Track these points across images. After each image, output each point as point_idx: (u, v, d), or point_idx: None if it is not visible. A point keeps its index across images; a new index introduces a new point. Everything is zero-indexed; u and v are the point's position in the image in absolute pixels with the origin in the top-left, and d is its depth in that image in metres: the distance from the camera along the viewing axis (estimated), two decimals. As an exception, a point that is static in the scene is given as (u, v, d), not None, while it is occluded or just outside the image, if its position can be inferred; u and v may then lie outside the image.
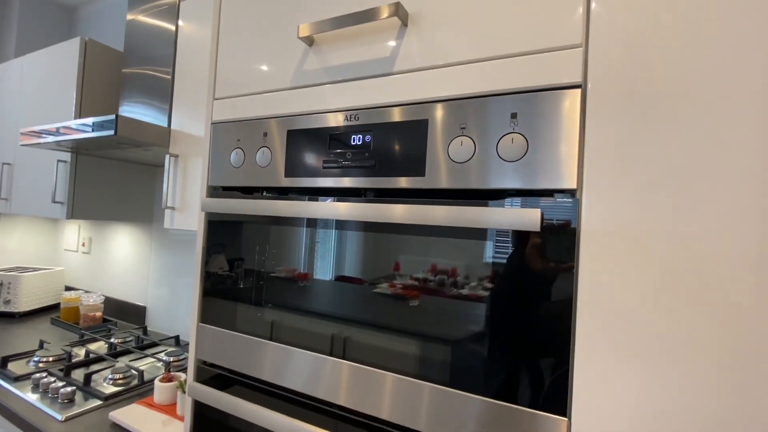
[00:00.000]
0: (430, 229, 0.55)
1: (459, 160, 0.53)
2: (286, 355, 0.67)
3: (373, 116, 0.60)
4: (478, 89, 0.53)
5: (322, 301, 0.65)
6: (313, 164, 0.65)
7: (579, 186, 0.47)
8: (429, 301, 0.55)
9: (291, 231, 0.69)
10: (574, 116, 0.47)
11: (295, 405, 0.66)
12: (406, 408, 0.55)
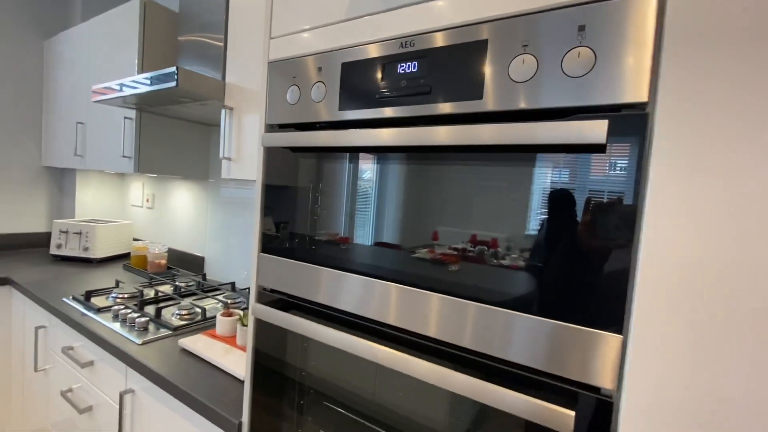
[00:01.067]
0: (487, 154, 0.55)
1: (520, 80, 0.52)
2: (338, 279, 0.71)
3: (429, 41, 0.60)
4: (542, 3, 0.51)
5: (375, 232, 0.67)
6: (368, 95, 0.66)
7: (651, 100, 0.45)
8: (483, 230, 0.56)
9: (342, 165, 0.71)
10: (647, 25, 0.44)
11: (346, 325, 0.71)
12: (451, 326, 0.58)
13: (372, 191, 0.68)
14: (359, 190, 0.70)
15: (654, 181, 0.45)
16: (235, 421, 0.87)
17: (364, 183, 0.69)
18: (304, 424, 0.81)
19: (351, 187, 0.71)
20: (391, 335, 0.66)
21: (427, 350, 0.61)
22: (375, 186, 0.68)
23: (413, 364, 0.59)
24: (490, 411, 0.56)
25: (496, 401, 0.51)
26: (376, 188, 0.68)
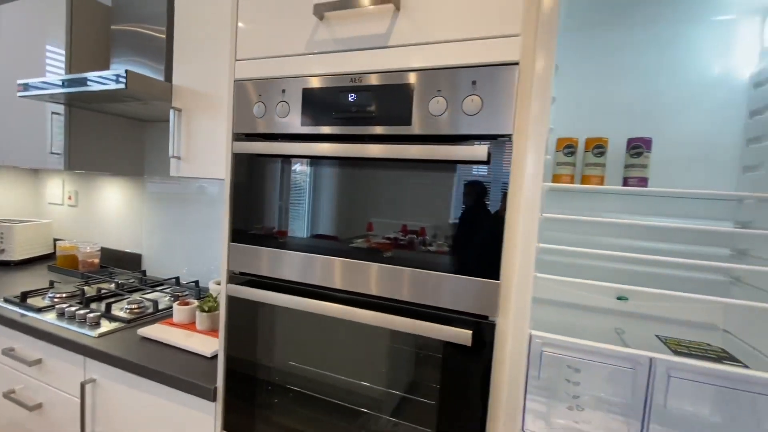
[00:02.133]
0: (412, 163, 0.79)
1: (436, 114, 0.76)
2: (298, 259, 0.90)
3: (372, 79, 0.81)
4: (450, 62, 0.75)
5: (323, 223, 0.87)
6: (325, 116, 0.85)
7: (512, 130, 0.71)
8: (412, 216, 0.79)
9: (299, 169, 0.90)
10: (513, 85, 0.71)
11: (305, 295, 0.90)
12: (390, 286, 0.81)
13: (323, 190, 0.88)
14: (312, 189, 0.89)
15: (512, 186, 0.72)
16: (211, 387, 1.01)
17: (317, 184, 0.89)
18: (274, 384, 0.99)
19: (306, 187, 0.90)
20: (342, 298, 0.87)
21: (370, 305, 0.84)
22: (332, 186, 0.88)
23: (360, 314, 0.81)
24: (421, 347, 0.81)
25: (425, 331, 0.76)
26: (332, 188, 0.88)
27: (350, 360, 0.91)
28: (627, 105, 1.11)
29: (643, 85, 1.10)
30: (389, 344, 0.86)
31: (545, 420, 0.95)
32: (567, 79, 1.17)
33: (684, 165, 1.06)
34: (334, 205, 0.87)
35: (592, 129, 1.12)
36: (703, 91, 1.05)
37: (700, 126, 1.06)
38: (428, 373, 0.82)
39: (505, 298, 0.75)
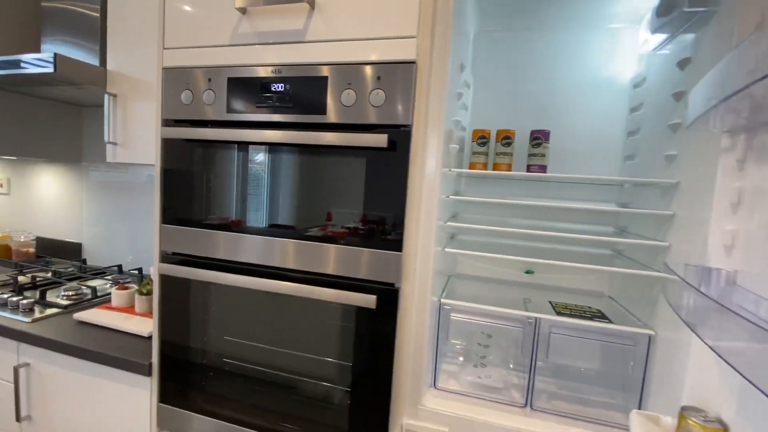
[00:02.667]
0: (326, 148, 0.87)
1: (347, 105, 0.84)
2: (224, 238, 0.96)
3: (291, 71, 0.88)
4: (358, 59, 0.83)
5: (251, 205, 0.94)
6: (248, 104, 0.91)
7: (410, 121, 0.81)
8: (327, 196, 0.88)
9: (230, 154, 0.96)
10: (411, 81, 0.80)
11: (233, 271, 0.97)
12: (308, 261, 0.90)
13: (249, 174, 0.95)
14: (238, 173, 0.95)
15: (412, 170, 0.82)
16: (145, 363, 1.06)
17: (243, 167, 0.95)
18: (207, 357, 1.05)
19: (233, 171, 0.96)
20: (266, 273, 0.94)
21: (289, 279, 0.92)
22: (257, 169, 0.94)
23: (277, 285, 0.89)
24: (339, 315, 0.91)
25: (336, 297, 0.86)
26: (257, 171, 0.94)
27: (277, 331, 0.99)
28: (532, 101, 1.25)
29: (545, 83, 1.24)
30: (311, 314, 0.95)
31: (456, 378, 1.09)
32: (483, 77, 1.30)
33: (578, 155, 1.22)
34: (259, 187, 0.94)
35: (504, 122, 1.24)
36: (595, 90, 1.21)
37: (591, 121, 1.21)
38: (345, 338, 0.92)
39: (408, 268, 0.86)
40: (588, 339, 1.00)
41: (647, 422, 0.75)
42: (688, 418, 0.64)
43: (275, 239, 0.92)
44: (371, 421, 0.90)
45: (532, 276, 1.29)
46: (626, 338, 0.96)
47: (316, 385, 0.96)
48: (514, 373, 1.11)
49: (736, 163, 0.69)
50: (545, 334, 0.98)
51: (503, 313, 0.99)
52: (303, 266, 0.91)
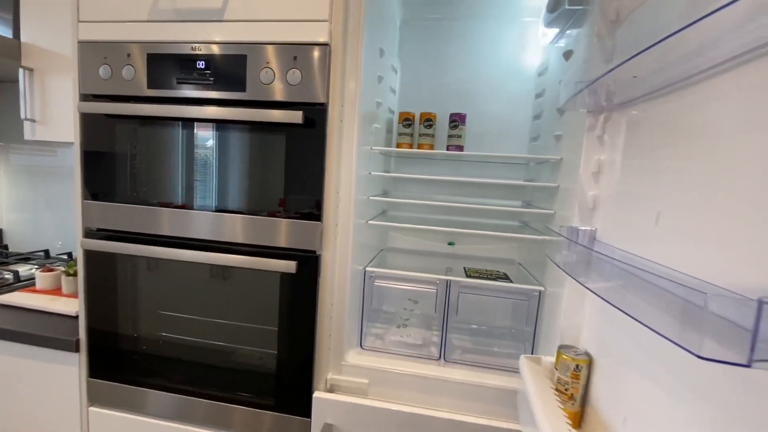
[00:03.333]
0: (247, 124, 0.92)
1: (265, 83, 0.89)
2: (150, 212, 0.98)
3: (211, 49, 0.91)
4: (275, 39, 0.88)
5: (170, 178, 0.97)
6: (169, 80, 0.93)
7: (326, 100, 0.88)
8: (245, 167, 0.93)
9: (152, 130, 0.97)
10: (325, 61, 0.87)
11: (152, 244, 1.00)
12: (231, 232, 0.95)
13: (170, 149, 0.97)
14: (160, 147, 0.98)
15: (329, 146, 0.89)
16: (73, 339, 1.06)
17: (165, 142, 0.97)
18: (139, 330, 1.07)
19: (152, 146, 0.98)
20: (192, 245, 0.98)
21: (214, 250, 0.97)
22: (188, 146, 0.97)
23: (204, 256, 0.94)
24: (264, 282, 0.97)
25: (262, 265, 0.92)
26: (189, 148, 0.97)
27: (208, 302, 1.04)
28: (453, 86, 1.36)
29: (464, 70, 1.35)
30: (239, 285, 1.01)
31: (382, 339, 1.19)
32: (409, 63, 1.38)
33: (492, 136, 1.34)
34: (181, 162, 0.97)
35: (428, 106, 1.34)
36: (507, 77, 1.33)
37: (503, 105, 1.34)
38: (271, 304, 0.99)
39: (328, 237, 0.93)
40: (492, 297, 1.13)
41: (532, 363, 0.89)
42: (563, 354, 0.78)
43: (199, 212, 0.96)
44: (297, 379, 0.98)
45: (454, 247, 1.41)
46: (522, 295, 1.10)
47: (246, 351, 1.02)
48: (435, 333, 1.23)
49: (596, 138, 0.82)
50: (455, 294, 1.10)
51: (419, 278, 1.10)
52: (226, 237, 0.96)
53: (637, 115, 0.68)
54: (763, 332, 0.33)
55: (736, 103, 0.44)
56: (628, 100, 0.71)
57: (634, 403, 0.61)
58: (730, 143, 0.44)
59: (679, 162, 0.54)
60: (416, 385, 0.99)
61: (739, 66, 0.44)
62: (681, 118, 0.55)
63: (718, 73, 0.47)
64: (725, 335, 0.34)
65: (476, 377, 0.99)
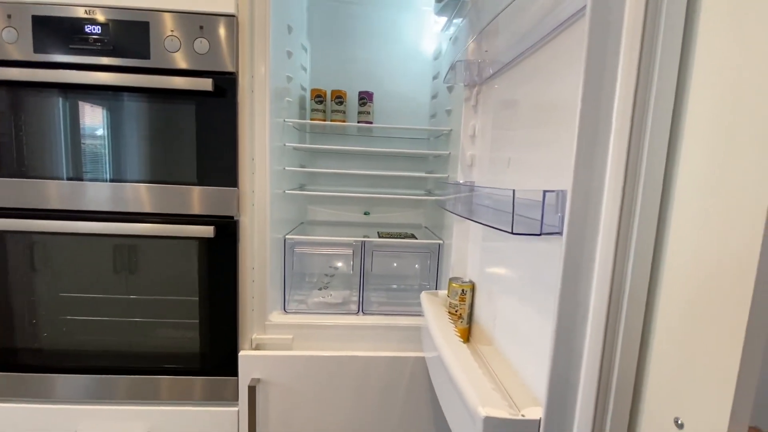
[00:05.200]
0: (153, 92, 0.92)
1: (171, 51, 0.90)
2: (43, 186, 0.94)
3: (108, 13, 0.89)
4: (181, 7, 0.89)
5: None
6: (60, 44, 0.89)
7: (235, 69, 0.92)
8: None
9: (43, 98, 0.92)
10: (233, 33, 0.91)
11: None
12: (141, 201, 0.95)
13: (66, 119, 0.93)
14: (53, 119, 0.93)
15: (241, 115, 0.94)
16: (-46, 331, 0.96)
17: (60, 113, 0.93)
18: (38, 315, 1.01)
19: (43, 116, 0.93)
20: (101, 217, 0.96)
21: (125, 221, 0.96)
22: (85, 115, 0.93)
23: (105, 227, 0.93)
24: (183, 252, 0.98)
25: (183, 232, 0.93)
26: (87, 118, 0.93)
27: (115, 279, 1.02)
28: (361, 66, 1.47)
29: (370, 51, 1.47)
30: (151, 256, 1.01)
31: (305, 303, 1.27)
32: (319, 43, 1.46)
33: (398, 113, 1.49)
34: (79, 134, 0.93)
35: (338, 83, 1.43)
36: (409, 60, 1.49)
37: (406, 85, 1.49)
38: (191, 273, 1.01)
39: (245, 203, 0.99)
40: (402, 252, 1.29)
41: (431, 296, 1.06)
42: (452, 283, 0.94)
43: (98, 183, 0.94)
44: (222, 342, 1.02)
45: (369, 216, 1.54)
46: (425, 248, 1.27)
47: (168, 323, 1.03)
48: (354, 292, 1.35)
49: (472, 108, 0.99)
50: (369, 253, 1.23)
51: (336, 241, 1.20)
52: (131, 208, 0.95)
53: (497, 88, 0.85)
54: (547, 217, 0.49)
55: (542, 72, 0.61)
56: (491, 75, 0.88)
57: (502, 310, 0.80)
58: (532, 112, 0.62)
59: (517, 122, 0.72)
60: (337, 336, 1.10)
61: (547, 43, 0.61)
62: (514, 89, 0.72)
63: (534, 52, 0.64)
64: (527, 223, 0.50)
65: (389, 321, 1.13)
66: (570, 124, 0.45)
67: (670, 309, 0.44)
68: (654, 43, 0.42)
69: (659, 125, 0.43)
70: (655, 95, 0.43)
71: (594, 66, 0.43)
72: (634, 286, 0.45)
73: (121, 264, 1.01)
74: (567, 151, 0.45)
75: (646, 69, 0.43)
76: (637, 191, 0.44)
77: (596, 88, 0.44)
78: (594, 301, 0.45)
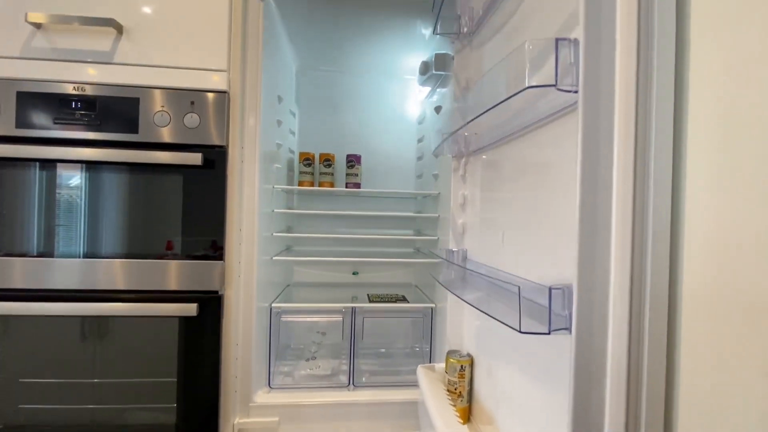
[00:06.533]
0: (141, 165, 0.90)
1: (161, 125, 0.90)
2: (22, 264, 0.88)
3: (98, 90, 0.89)
4: (174, 84, 0.90)
5: (59, 222, 0.89)
6: (44, 119, 0.87)
7: (225, 143, 0.92)
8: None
9: (23, 172, 0.89)
10: (224, 108, 0.92)
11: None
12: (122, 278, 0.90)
13: (49, 194, 0.90)
14: (34, 193, 0.89)
15: (230, 187, 0.93)
16: None
17: (40, 188, 0.89)
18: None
19: (23, 191, 0.89)
20: (73, 297, 0.89)
21: (98, 299, 0.90)
22: (69, 190, 0.89)
23: (80, 308, 0.86)
24: (162, 330, 0.92)
25: (161, 311, 0.87)
26: (70, 193, 0.89)
27: (83, 362, 0.93)
28: (348, 129, 1.51)
29: (357, 116, 1.52)
30: (131, 337, 0.93)
31: (291, 376, 1.20)
32: (307, 108, 1.50)
33: (384, 174, 1.51)
34: (60, 208, 0.89)
35: (326, 146, 1.45)
36: (394, 123, 1.54)
37: (392, 148, 1.53)
38: (168, 354, 0.93)
39: (231, 275, 0.94)
40: (393, 317, 1.25)
41: (428, 371, 1.01)
42: (450, 358, 0.90)
43: (83, 260, 0.89)
44: (202, 428, 0.93)
45: (357, 276, 1.51)
46: (418, 313, 1.24)
47: (142, 408, 0.93)
48: (344, 361, 1.28)
49: (460, 177, 1.01)
50: (359, 320, 1.18)
51: (325, 308, 1.15)
52: (119, 285, 0.90)
53: (486, 159, 0.88)
54: (555, 309, 0.48)
55: (533, 155, 0.63)
56: (479, 148, 0.91)
57: (503, 387, 0.76)
58: (530, 183, 0.63)
59: (506, 194, 0.73)
60: (327, 415, 1.02)
61: (529, 132, 0.64)
62: (506, 163, 0.75)
63: (523, 134, 0.67)
64: (534, 315, 0.49)
65: (383, 396, 1.06)
66: (566, 194, 0.45)
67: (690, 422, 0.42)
68: (647, 142, 0.44)
69: (659, 226, 0.44)
70: (653, 200, 0.44)
71: (588, 177, 0.44)
72: (650, 388, 0.43)
73: (91, 344, 0.93)
74: (561, 222, 0.45)
75: (642, 173, 0.44)
76: (644, 284, 0.44)
77: (592, 193, 0.45)
78: (610, 408, 0.43)
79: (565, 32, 0.53)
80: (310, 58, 1.47)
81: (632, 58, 0.44)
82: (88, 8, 0.88)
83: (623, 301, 0.44)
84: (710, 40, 0.42)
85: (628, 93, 0.45)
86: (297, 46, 1.40)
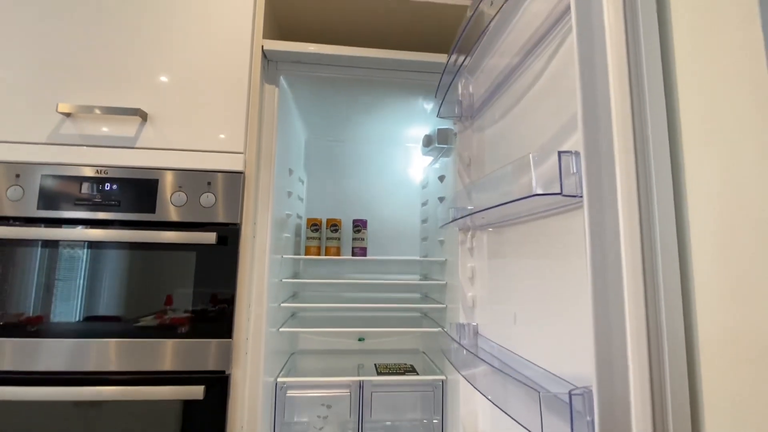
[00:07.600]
0: (156, 244, 0.92)
1: (177, 205, 0.93)
2: (27, 346, 0.86)
3: (119, 172, 0.93)
4: (190, 166, 0.95)
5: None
6: (64, 201, 0.91)
7: (239, 220, 0.95)
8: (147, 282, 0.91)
9: (42, 251, 0.90)
10: (239, 188, 0.96)
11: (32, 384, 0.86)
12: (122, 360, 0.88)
13: (69, 273, 0.91)
14: (49, 272, 0.90)
15: (241, 263, 0.94)
16: None
17: (60, 266, 0.91)
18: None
19: (42, 270, 0.90)
20: (69, 380, 0.87)
21: (99, 382, 0.88)
22: (86, 269, 0.91)
23: (75, 392, 0.84)
24: (165, 414, 0.89)
25: (173, 395, 0.85)
26: (87, 271, 0.91)
27: (87, 446, 0.89)
28: (354, 195, 1.56)
29: (362, 182, 1.57)
30: (129, 419, 0.90)
31: (296, 456, 1.13)
32: (315, 175, 1.56)
33: (390, 237, 1.54)
34: (75, 287, 0.90)
35: (333, 212, 1.49)
36: (398, 188, 1.59)
37: (398, 212, 1.57)
38: (172, 437, 0.89)
39: (239, 353, 0.93)
40: (402, 392, 1.20)
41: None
42: None
43: (89, 341, 0.88)
44: None
45: (364, 342, 1.48)
46: (428, 386, 1.20)
47: (133, 500, 0.88)
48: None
49: (468, 250, 1.03)
50: (368, 393, 1.15)
51: (333, 382, 1.12)
52: (121, 366, 0.88)
53: (493, 234, 0.90)
54: (576, 406, 0.48)
55: (530, 240, 0.66)
56: (485, 225, 0.94)
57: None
58: (538, 268, 0.65)
59: (515, 271, 0.75)
60: (334, 503, 0.96)
61: (535, 219, 0.66)
62: (514, 244, 0.77)
63: (529, 221, 0.70)
64: (553, 408, 0.48)
65: (393, 480, 1.00)
66: (576, 286, 0.46)
67: None
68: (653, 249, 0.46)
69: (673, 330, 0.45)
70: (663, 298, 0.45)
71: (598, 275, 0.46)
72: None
73: (91, 427, 0.89)
74: (574, 312, 0.45)
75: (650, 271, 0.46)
76: (665, 396, 0.44)
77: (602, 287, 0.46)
78: None
79: (564, 130, 0.57)
80: (318, 130, 1.55)
81: (631, 166, 0.48)
82: (115, 96, 0.95)
83: (645, 407, 0.44)
84: (703, 150, 0.46)
85: (630, 198, 0.47)
86: (306, 120, 1.48)
